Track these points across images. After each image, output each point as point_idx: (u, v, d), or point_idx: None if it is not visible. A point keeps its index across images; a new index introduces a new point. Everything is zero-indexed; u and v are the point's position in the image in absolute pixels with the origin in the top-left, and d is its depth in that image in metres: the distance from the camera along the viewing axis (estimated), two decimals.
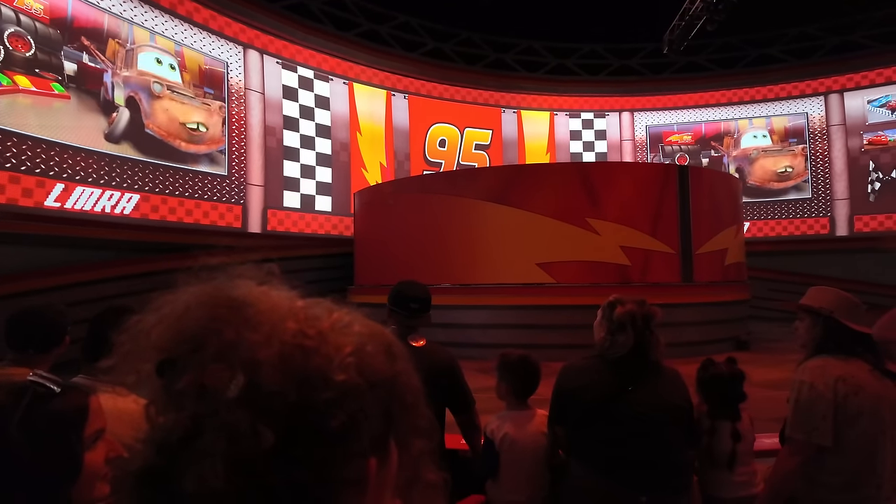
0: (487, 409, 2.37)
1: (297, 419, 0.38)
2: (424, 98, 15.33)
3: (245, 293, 0.43)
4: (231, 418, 0.36)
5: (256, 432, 0.36)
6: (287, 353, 0.40)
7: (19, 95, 8.10)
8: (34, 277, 7.62)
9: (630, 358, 1.95)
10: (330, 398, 0.39)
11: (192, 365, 0.39)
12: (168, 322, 0.42)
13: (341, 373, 0.40)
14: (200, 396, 0.37)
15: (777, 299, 11.07)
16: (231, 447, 0.36)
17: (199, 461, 0.36)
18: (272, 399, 0.37)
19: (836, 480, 1.83)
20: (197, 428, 0.37)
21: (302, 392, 0.38)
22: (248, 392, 0.37)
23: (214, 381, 0.38)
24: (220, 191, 11.17)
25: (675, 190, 8.72)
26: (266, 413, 0.37)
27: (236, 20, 11.65)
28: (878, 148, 14.57)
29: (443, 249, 9.03)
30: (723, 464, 2.18)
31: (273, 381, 0.38)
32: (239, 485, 0.35)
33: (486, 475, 2.17)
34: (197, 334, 0.40)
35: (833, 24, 14.71)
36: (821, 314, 1.93)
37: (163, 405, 0.39)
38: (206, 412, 0.37)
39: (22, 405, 0.81)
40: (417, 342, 2.16)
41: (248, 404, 0.37)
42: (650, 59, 16.20)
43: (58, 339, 1.93)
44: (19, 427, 0.79)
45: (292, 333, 0.41)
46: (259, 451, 0.36)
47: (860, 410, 1.81)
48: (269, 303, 0.43)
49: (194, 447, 0.36)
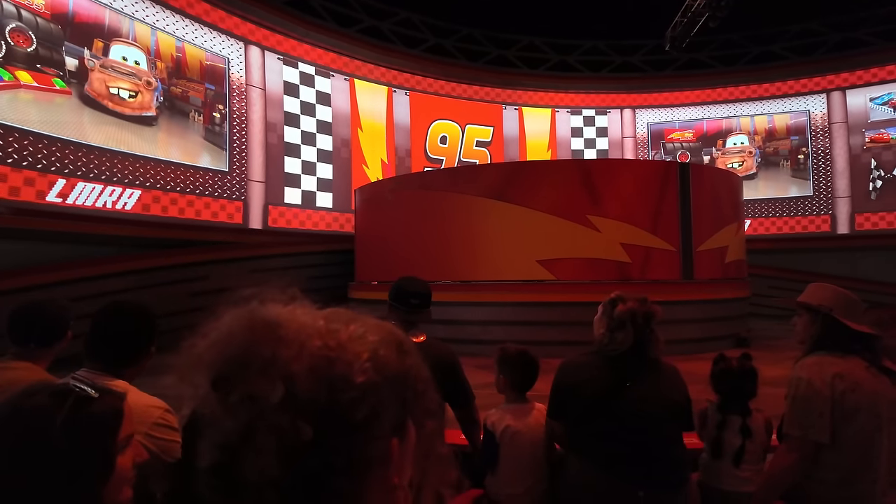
0: (487, 404, 2.39)
1: (329, 416, 0.47)
2: (425, 94, 15.31)
3: (276, 314, 0.52)
4: (276, 420, 0.45)
5: (297, 428, 0.45)
6: (315, 364, 0.48)
7: (21, 91, 8.11)
8: (36, 273, 7.65)
9: (629, 355, 1.97)
10: (354, 397, 0.48)
11: (242, 380, 0.47)
12: (217, 346, 0.50)
13: (361, 375, 0.49)
14: (251, 405, 0.46)
15: (776, 296, 11.09)
16: (279, 443, 0.45)
17: (256, 456, 0.45)
18: (307, 402, 0.46)
19: (833, 476, 1.84)
20: (250, 430, 0.45)
21: (330, 394, 0.47)
22: (287, 398, 0.46)
23: (260, 391, 0.46)
24: (221, 187, 11.18)
25: (675, 187, 8.72)
26: (303, 413, 0.46)
27: (237, 16, 11.64)
28: (880, 146, 14.53)
29: (443, 246, 9.04)
30: (728, 457, 2.21)
31: (306, 388, 0.47)
32: (289, 472, 0.44)
33: (485, 467, 2.19)
34: (242, 354, 0.49)
35: (836, 20, 14.66)
36: (819, 311, 1.94)
37: (220, 413, 0.47)
38: (256, 417, 0.46)
39: (65, 408, 0.84)
40: (417, 338, 2.17)
41: (289, 408, 0.46)
42: (652, 56, 16.16)
43: (60, 333, 1.94)
44: (62, 429, 0.82)
45: (318, 347, 0.50)
46: (301, 444, 0.45)
47: (857, 407, 1.82)
48: (296, 322, 0.52)
49: (251, 446, 0.45)
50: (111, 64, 9.23)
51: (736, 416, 2.24)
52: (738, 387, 2.28)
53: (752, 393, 2.30)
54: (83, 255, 8.51)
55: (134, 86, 9.52)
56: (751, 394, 2.30)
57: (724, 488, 2.21)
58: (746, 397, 2.29)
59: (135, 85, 9.54)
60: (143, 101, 9.68)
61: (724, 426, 2.23)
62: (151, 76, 9.91)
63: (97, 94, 8.93)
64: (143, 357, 1.64)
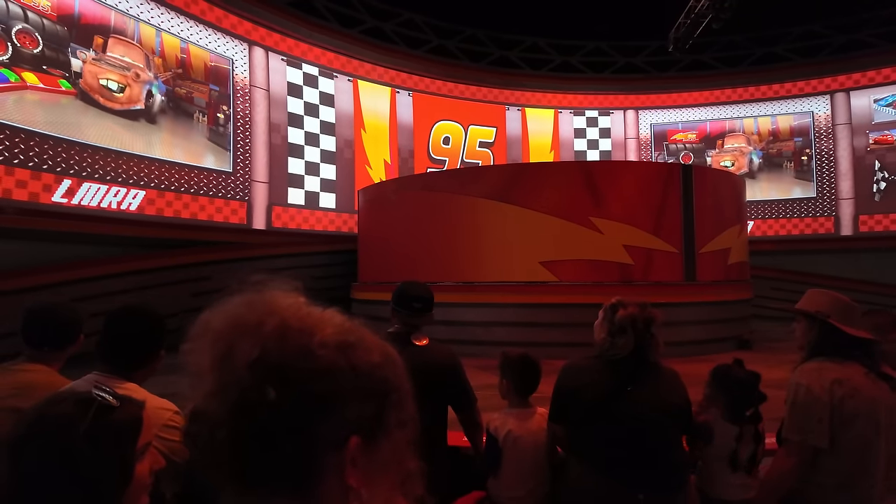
0: (490, 406, 2.41)
1: (289, 381, 0.52)
2: (429, 95, 15.34)
3: (273, 295, 0.59)
4: (242, 376, 0.52)
5: (262, 389, 0.51)
6: (286, 333, 0.54)
7: (27, 92, 8.16)
8: (42, 273, 7.70)
9: (629, 359, 1.99)
10: (313, 368, 0.53)
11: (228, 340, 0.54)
12: (222, 313, 0.58)
13: (322, 349, 0.54)
14: (229, 361, 0.53)
15: (779, 298, 11.07)
16: (241, 397, 0.51)
17: (220, 405, 0.51)
18: (274, 366, 0.52)
19: (831, 481, 1.86)
20: (224, 383, 0.52)
21: (294, 361, 0.53)
22: (258, 360, 0.52)
23: (238, 350, 0.53)
24: (225, 187, 11.23)
25: (678, 189, 8.72)
26: (270, 375, 0.51)
27: (241, 17, 11.69)
28: (884, 147, 14.50)
29: (446, 247, 9.06)
30: (741, 466, 2.16)
31: (274, 352, 0.53)
32: (243, 422, 0.51)
33: (488, 471, 2.21)
34: (235, 319, 0.56)
35: (839, 22, 14.64)
36: (816, 318, 1.96)
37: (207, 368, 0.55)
38: (228, 372, 0.52)
39: (89, 416, 0.86)
40: (420, 341, 2.20)
41: (258, 368, 0.52)
42: (655, 57, 16.15)
43: (73, 337, 1.98)
44: (85, 437, 0.84)
45: (294, 319, 0.56)
46: (262, 403, 0.50)
47: (856, 413, 1.84)
48: (285, 301, 0.58)
49: (221, 397, 0.52)
50: (103, 57, 9.24)
51: (748, 424, 2.21)
52: (751, 394, 2.24)
53: (763, 396, 2.26)
54: (87, 255, 8.56)
55: (122, 78, 9.49)
56: (762, 398, 2.26)
57: (730, 498, 2.17)
58: (758, 402, 2.25)
59: (123, 77, 9.51)
60: (131, 94, 9.65)
61: (742, 437, 2.18)
62: (144, 70, 9.89)
63: (89, 88, 8.94)
64: (153, 360, 1.67)
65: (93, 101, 9.04)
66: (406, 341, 2.17)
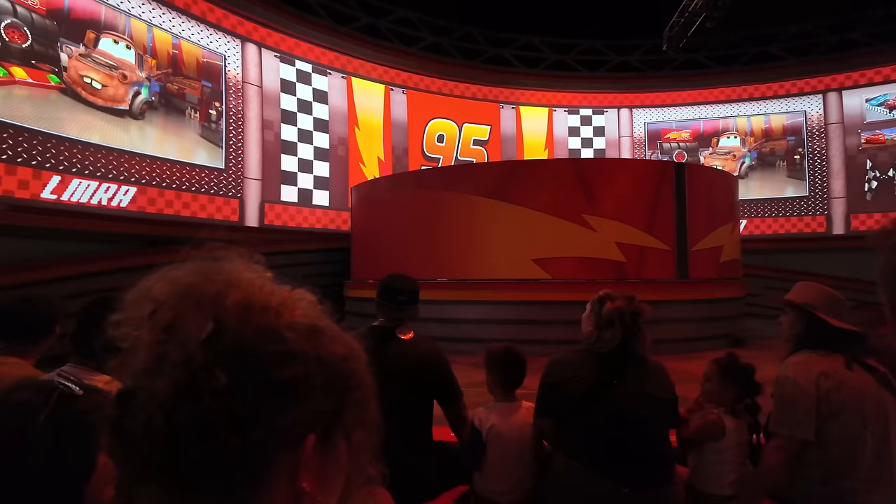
0: (480, 402, 2.38)
1: (248, 363, 0.45)
2: (423, 93, 15.30)
3: (232, 267, 0.52)
4: (194, 354, 0.44)
5: (212, 373, 0.43)
6: (249, 308, 0.47)
7: (15, 87, 8.08)
8: (30, 270, 7.62)
9: (616, 353, 1.97)
10: (277, 351, 0.46)
11: (175, 308, 0.46)
12: (166, 280, 0.50)
13: (290, 332, 0.47)
14: (175, 333, 0.45)
15: (768, 296, 11.12)
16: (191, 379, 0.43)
17: (164, 384, 0.43)
18: (232, 344, 0.45)
19: (817, 473, 1.85)
20: (165, 357, 0.44)
21: (255, 342, 0.46)
22: (213, 336, 0.44)
23: (188, 321, 0.45)
24: (218, 184, 11.16)
25: (671, 187, 8.73)
26: (225, 354, 0.44)
27: (234, 13, 11.61)
28: (876, 146, 14.58)
29: (439, 244, 9.04)
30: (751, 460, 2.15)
31: (234, 329, 0.45)
32: (188, 409, 0.42)
33: (472, 464, 2.19)
34: (185, 287, 0.48)
35: (832, 22, 14.70)
36: (803, 309, 1.95)
37: (146, 340, 0.46)
38: (176, 347, 0.44)
39: (49, 404, 0.84)
40: (405, 334, 2.17)
41: (212, 346, 0.44)
42: (649, 56, 16.18)
43: (48, 329, 1.94)
44: (45, 425, 0.82)
45: (258, 295, 0.49)
46: (211, 386, 0.43)
47: (842, 405, 1.83)
48: (248, 273, 0.51)
49: (161, 373, 0.44)
50: (91, 54, 9.14)
51: (750, 416, 2.19)
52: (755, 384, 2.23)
53: (759, 387, 2.25)
54: (77, 252, 8.48)
55: (107, 77, 9.39)
56: (759, 388, 2.25)
57: (723, 493, 2.14)
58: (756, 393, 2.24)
59: (108, 76, 9.40)
60: (115, 94, 9.54)
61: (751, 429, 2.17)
62: (135, 70, 9.80)
63: (72, 81, 8.83)
64: None
65: (78, 97, 8.95)
66: (391, 335, 2.14)
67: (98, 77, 9.23)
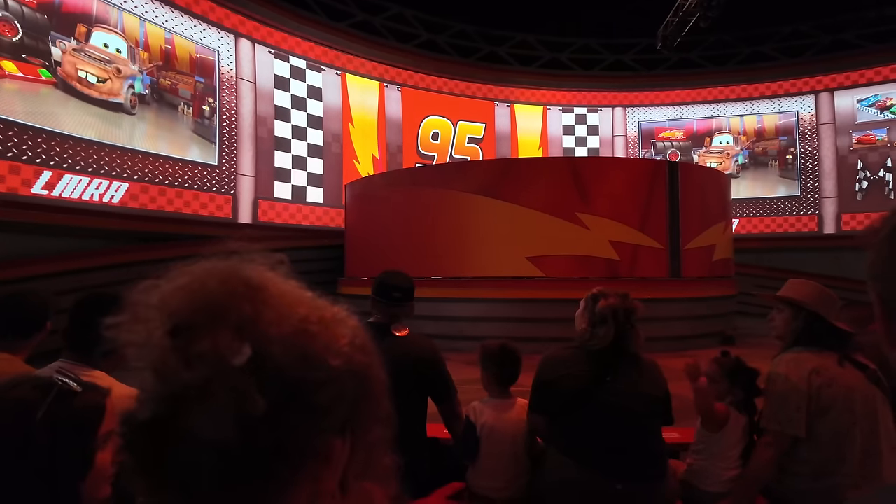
0: (474, 399, 2.38)
1: (293, 392, 0.43)
2: (418, 90, 15.27)
3: (258, 276, 0.48)
4: (237, 383, 0.41)
5: (252, 398, 0.41)
6: (294, 334, 0.45)
7: (6, 81, 7.99)
8: (21, 265, 7.55)
9: (610, 350, 1.98)
10: (323, 378, 0.45)
11: (209, 332, 0.43)
12: (186, 291, 0.45)
13: (336, 358, 0.46)
14: (214, 361, 0.42)
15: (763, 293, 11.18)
16: (237, 407, 0.41)
17: (209, 416, 0.41)
18: (274, 371, 0.43)
19: (807, 469, 1.87)
20: (208, 387, 0.41)
21: (302, 370, 0.44)
22: (254, 362, 0.42)
23: (228, 349, 0.42)
24: (211, 181, 11.10)
25: (664, 186, 8.77)
26: (267, 382, 0.42)
27: (228, 8, 11.53)
28: (867, 147, 14.70)
29: (433, 242, 9.04)
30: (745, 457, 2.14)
31: (278, 357, 0.43)
32: (240, 439, 0.41)
33: (466, 455, 2.19)
34: (215, 306, 0.44)
35: (825, 22, 14.80)
36: (802, 308, 1.96)
37: (173, 364, 0.43)
38: (216, 375, 0.41)
39: (47, 401, 0.84)
40: (400, 331, 2.18)
41: (253, 372, 0.42)
42: (644, 55, 16.22)
43: (39, 324, 1.93)
44: (42, 422, 0.82)
45: (300, 318, 0.46)
46: (256, 413, 0.41)
47: (833, 402, 1.85)
48: (280, 287, 0.48)
49: (205, 404, 0.41)
50: (84, 48, 9.05)
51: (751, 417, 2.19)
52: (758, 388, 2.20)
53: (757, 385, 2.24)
54: (69, 248, 8.42)
55: (102, 71, 9.31)
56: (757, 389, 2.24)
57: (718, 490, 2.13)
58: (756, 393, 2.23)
59: (103, 70, 9.33)
60: (112, 87, 9.48)
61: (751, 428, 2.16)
62: (128, 64, 9.72)
63: (66, 76, 8.75)
64: None
65: (74, 91, 8.87)
66: (386, 332, 2.14)
67: (94, 71, 9.16)
